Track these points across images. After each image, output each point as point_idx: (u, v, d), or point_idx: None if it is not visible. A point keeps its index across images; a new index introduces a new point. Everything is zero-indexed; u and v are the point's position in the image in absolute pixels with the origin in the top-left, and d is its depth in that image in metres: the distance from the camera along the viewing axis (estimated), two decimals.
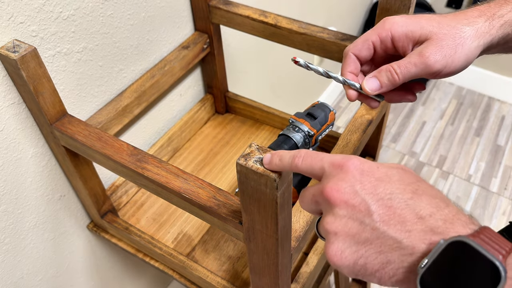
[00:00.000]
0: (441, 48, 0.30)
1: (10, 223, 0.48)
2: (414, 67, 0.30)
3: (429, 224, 0.20)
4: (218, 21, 0.58)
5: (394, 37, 0.32)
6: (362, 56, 0.33)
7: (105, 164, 0.43)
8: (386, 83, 0.31)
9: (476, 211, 1.06)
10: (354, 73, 0.33)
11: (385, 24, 0.32)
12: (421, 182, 0.23)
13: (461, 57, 0.30)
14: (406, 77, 0.31)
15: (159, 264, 0.55)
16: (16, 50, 0.38)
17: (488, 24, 0.30)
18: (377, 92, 0.32)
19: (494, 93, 1.35)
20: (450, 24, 0.31)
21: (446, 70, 0.30)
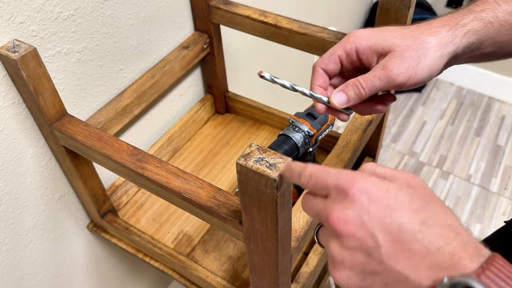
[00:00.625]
0: (404, 60, 0.30)
1: (10, 223, 0.48)
2: (379, 81, 0.31)
3: (436, 260, 0.20)
4: (218, 21, 0.58)
5: (358, 50, 0.32)
6: (330, 69, 0.34)
7: (105, 164, 0.43)
8: (353, 97, 0.32)
9: (476, 211, 1.06)
10: (322, 87, 0.34)
11: (349, 38, 0.33)
12: (431, 205, 0.22)
13: (424, 67, 0.30)
14: (372, 91, 0.31)
15: (159, 264, 0.55)
16: (16, 50, 0.38)
17: (451, 33, 0.31)
18: (345, 106, 0.33)
19: (494, 93, 1.35)
20: (413, 35, 0.31)
21: (410, 81, 0.30)
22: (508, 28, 0.31)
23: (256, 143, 0.29)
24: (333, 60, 0.33)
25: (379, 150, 0.62)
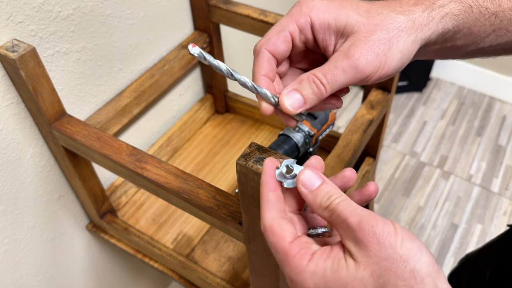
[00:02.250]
0: (372, 45, 0.24)
1: (9, 223, 0.48)
2: (343, 74, 0.24)
3: None
4: (218, 20, 0.58)
5: (314, 26, 0.25)
6: (279, 52, 0.25)
7: (104, 164, 0.43)
8: (311, 97, 0.24)
9: (477, 211, 1.05)
10: (269, 77, 0.25)
11: (302, 8, 0.25)
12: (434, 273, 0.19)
13: (395, 54, 0.24)
14: (334, 88, 0.24)
15: (159, 264, 0.55)
16: (15, 50, 0.38)
17: (426, 14, 0.24)
18: (300, 110, 0.25)
19: (495, 93, 1.35)
20: (381, 13, 0.24)
21: (379, 73, 0.24)
22: (487, 18, 0.25)
23: (256, 143, 0.29)
24: (283, 38, 0.25)
25: (380, 150, 0.62)
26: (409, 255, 0.19)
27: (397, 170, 1.15)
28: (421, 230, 1.02)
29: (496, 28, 0.26)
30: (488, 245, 0.45)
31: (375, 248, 0.19)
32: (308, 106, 0.25)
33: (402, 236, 0.20)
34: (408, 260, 0.19)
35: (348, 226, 0.20)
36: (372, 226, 0.20)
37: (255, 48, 0.26)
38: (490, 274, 0.41)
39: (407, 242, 0.19)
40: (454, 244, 0.99)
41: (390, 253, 0.19)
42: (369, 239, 0.20)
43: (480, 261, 0.45)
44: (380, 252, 0.19)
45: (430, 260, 0.19)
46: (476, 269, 0.45)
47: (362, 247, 0.20)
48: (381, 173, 1.14)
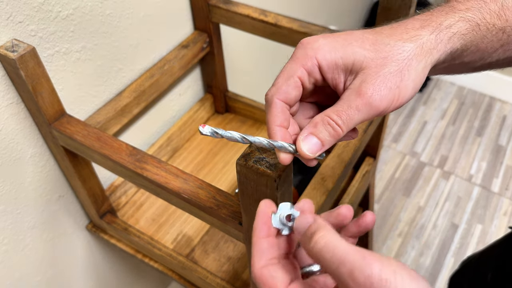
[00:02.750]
0: (384, 79, 0.23)
1: (9, 224, 0.48)
2: (357, 113, 0.23)
3: None
4: (218, 20, 0.58)
5: (322, 67, 0.25)
6: (291, 99, 0.25)
7: (104, 164, 0.43)
8: (328, 139, 0.24)
9: (477, 211, 1.05)
10: (284, 126, 0.25)
11: (307, 51, 0.25)
12: None
13: (408, 85, 0.24)
14: (350, 127, 0.24)
15: (159, 265, 0.55)
16: (15, 50, 0.38)
17: (434, 37, 0.24)
18: (319, 153, 0.25)
19: (495, 93, 1.34)
20: (388, 43, 0.24)
21: (394, 105, 0.24)
22: (494, 34, 0.25)
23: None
24: (293, 84, 0.25)
25: (380, 150, 0.62)
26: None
27: (397, 170, 1.15)
28: (421, 230, 1.02)
29: (504, 43, 0.26)
30: (490, 248, 0.45)
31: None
32: (326, 148, 0.25)
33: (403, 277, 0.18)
34: None
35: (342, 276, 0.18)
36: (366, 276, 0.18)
37: (266, 98, 0.26)
38: (491, 276, 0.41)
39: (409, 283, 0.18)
40: (454, 244, 0.99)
41: None
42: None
43: (481, 264, 0.45)
44: None
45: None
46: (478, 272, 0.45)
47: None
48: (381, 173, 1.13)
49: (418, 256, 0.97)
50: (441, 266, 0.96)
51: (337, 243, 0.19)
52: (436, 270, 0.95)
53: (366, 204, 0.71)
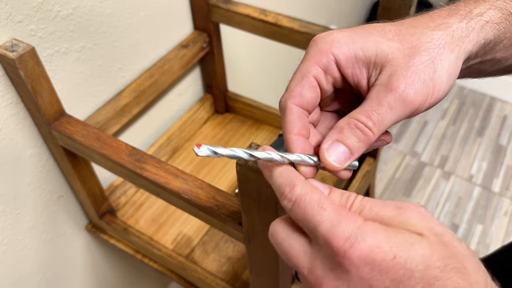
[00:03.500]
0: (415, 70, 0.20)
1: (8, 224, 0.47)
2: (390, 111, 0.20)
3: None
4: (218, 19, 0.58)
5: (339, 62, 0.21)
6: (308, 102, 0.22)
7: (103, 164, 0.43)
8: (357, 145, 0.21)
9: (478, 211, 1.05)
10: (303, 135, 0.22)
11: (320, 46, 0.21)
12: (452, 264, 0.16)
13: (442, 76, 0.20)
14: (382, 129, 0.21)
15: (158, 265, 0.55)
16: (14, 49, 0.38)
17: (464, 25, 0.21)
18: (349, 162, 0.21)
19: (496, 93, 1.34)
20: (414, 32, 0.21)
21: (429, 101, 0.21)
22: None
23: (256, 143, 0.29)
24: (308, 85, 0.21)
25: (380, 150, 0.61)
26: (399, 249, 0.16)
27: (398, 170, 1.14)
28: None
29: None
30: (496, 254, 0.44)
31: None
32: (356, 157, 0.21)
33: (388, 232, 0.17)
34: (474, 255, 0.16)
35: None
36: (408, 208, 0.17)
37: (280, 104, 0.22)
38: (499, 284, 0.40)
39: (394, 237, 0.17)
40: None
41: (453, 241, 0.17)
42: None
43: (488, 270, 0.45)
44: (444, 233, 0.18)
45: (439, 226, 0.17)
46: None
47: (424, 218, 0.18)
48: (381, 173, 1.13)
49: None
50: None
51: None
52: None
53: None
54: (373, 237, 0.16)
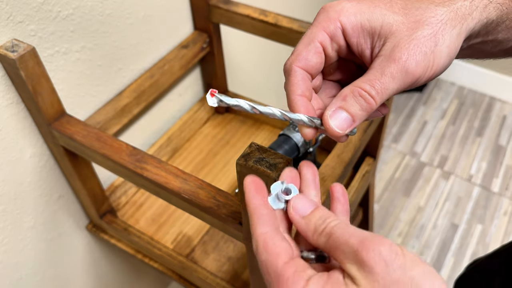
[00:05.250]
0: (418, 43, 0.21)
1: (9, 224, 0.47)
2: (392, 81, 0.21)
3: None
4: (218, 20, 0.58)
5: (346, 30, 0.22)
6: (312, 66, 0.23)
7: (104, 164, 0.43)
8: (359, 113, 0.22)
9: (478, 211, 1.05)
10: (306, 96, 0.23)
11: (329, 14, 0.22)
12: None
13: (443, 51, 0.21)
14: (384, 98, 0.22)
15: (158, 265, 0.55)
16: (15, 50, 0.38)
17: (469, 3, 0.22)
18: (351, 129, 0.22)
19: (495, 93, 1.34)
20: (420, 7, 0.22)
21: (428, 73, 0.22)
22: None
23: (256, 143, 0.29)
24: (313, 50, 0.22)
25: (380, 150, 0.62)
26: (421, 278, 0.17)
27: (397, 170, 1.14)
28: (421, 230, 1.02)
29: None
30: (498, 252, 0.44)
31: (382, 271, 0.17)
32: (358, 123, 0.22)
33: (412, 257, 0.17)
34: (420, 283, 0.17)
35: (350, 248, 0.18)
36: (378, 245, 0.17)
37: (285, 67, 0.23)
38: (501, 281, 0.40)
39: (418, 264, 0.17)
40: (455, 244, 0.99)
41: (399, 275, 0.17)
42: (375, 260, 0.17)
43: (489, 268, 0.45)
44: (388, 274, 0.17)
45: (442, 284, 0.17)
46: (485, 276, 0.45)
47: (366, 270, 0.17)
48: (381, 173, 1.13)
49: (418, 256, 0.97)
50: (441, 266, 0.96)
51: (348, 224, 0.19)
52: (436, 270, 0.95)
53: (366, 204, 0.71)
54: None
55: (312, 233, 0.20)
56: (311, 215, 0.21)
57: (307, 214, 0.21)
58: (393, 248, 0.17)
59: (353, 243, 0.18)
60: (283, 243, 0.20)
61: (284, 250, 0.20)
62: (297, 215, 0.21)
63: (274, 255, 0.19)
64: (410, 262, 0.17)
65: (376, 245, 0.17)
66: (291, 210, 0.21)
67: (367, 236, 0.18)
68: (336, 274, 0.18)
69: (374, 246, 0.17)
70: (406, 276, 0.17)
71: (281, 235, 0.21)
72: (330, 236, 0.19)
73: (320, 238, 0.20)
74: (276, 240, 0.20)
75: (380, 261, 0.17)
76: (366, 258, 0.17)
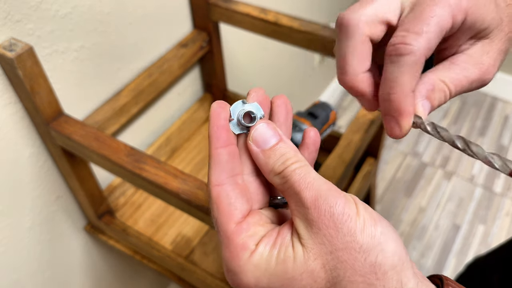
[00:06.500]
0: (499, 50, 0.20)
1: (7, 224, 0.47)
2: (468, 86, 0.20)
3: None
4: (217, 18, 0.58)
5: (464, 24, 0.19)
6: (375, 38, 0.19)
7: (102, 164, 0.42)
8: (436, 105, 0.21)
9: (480, 212, 1.05)
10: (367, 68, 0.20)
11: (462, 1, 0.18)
12: None
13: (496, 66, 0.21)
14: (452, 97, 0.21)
15: (157, 266, 0.55)
16: (13, 49, 0.38)
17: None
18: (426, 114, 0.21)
19: (497, 93, 1.34)
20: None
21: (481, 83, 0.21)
22: None
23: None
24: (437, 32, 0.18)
25: (381, 150, 0.61)
26: (371, 244, 0.16)
27: (399, 170, 1.14)
28: (422, 231, 1.01)
29: None
30: (497, 250, 0.44)
31: (330, 234, 0.16)
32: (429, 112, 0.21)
33: (364, 219, 0.16)
34: (369, 250, 0.16)
35: (301, 202, 0.17)
36: (330, 206, 0.16)
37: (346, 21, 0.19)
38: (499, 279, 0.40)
39: (370, 227, 0.16)
40: (456, 245, 0.99)
41: (348, 242, 0.16)
42: (325, 222, 0.16)
43: (488, 266, 0.45)
44: (336, 239, 0.16)
45: (395, 249, 0.16)
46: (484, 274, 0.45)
47: (314, 230, 0.16)
48: (382, 173, 1.13)
49: (420, 257, 0.97)
50: (442, 267, 0.95)
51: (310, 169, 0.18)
52: (437, 271, 0.94)
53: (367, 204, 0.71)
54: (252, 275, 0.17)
55: (269, 172, 0.18)
56: (271, 150, 0.18)
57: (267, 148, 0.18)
58: (347, 211, 0.16)
59: (305, 199, 0.17)
60: (238, 199, 0.18)
61: (238, 209, 0.18)
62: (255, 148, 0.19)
63: (225, 215, 0.18)
64: (362, 225, 0.16)
65: (329, 206, 0.16)
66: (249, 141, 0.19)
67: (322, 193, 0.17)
68: (285, 231, 0.18)
69: (326, 207, 0.16)
70: (355, 242, 0.16)
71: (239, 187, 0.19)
72: (286, 181, 0.18)
73: (275, 179, 0.18)
74: (231, 196, 0.18)
75: (329, 224, 0.16)
76: (316, 219, 0.16)
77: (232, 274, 0.18)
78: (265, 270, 0.17)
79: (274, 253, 0.17)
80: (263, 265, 0.17)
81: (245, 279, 0.17)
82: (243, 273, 0.17)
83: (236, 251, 0.18)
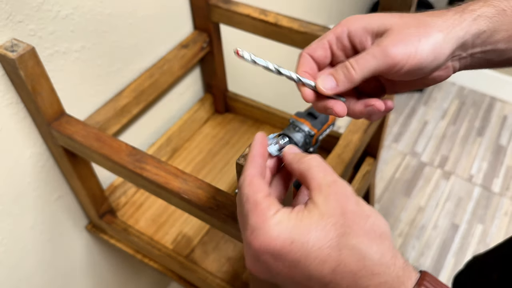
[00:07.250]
0: (403, 37, 0.26)
1: (8, 224, 0.47)
2: (373, 59, 0.26)
3: None
4: (218, 19, 0.58)
5: (350, 33, 0.28)
6: (317, 56, 0.29)
7: (103, 164, 0.42)
8: (342, 80, 0.27)
9: (478, 211, 1.05)
10: (309, 73, 0.29)
11: (341, 22, 0.29)
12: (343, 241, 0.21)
13: (425, 48, 0.26)
14: (365, 72, 0.27)
15: (158, 265, 0.55)
16: (14, 50, 0.38)
17: (458, 16, 0.26)
18: (334, 91, 0.28)
19: (496, 93, 1.34)
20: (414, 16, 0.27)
21: (411, 61, 0.26)
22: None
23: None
24: (321, 45, 0.29)
25: (381, 150, 0.61)
26: (370, 213, 0.22)
27: (398, 170, 1.14)
28: (421, 231, 1.01)
29: None
30: (496, 248, 0.45)
31: (343, 201, 0.22)
32: (341, 89, 0.28)
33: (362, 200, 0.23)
34: (369, 216, 0.22)
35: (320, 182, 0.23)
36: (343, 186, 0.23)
37: (300, 55, 0.30)
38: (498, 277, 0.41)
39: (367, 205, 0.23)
40: (455, 245, 0.99)
41: (354, 208, 0.22)
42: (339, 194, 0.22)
43: (487, 264, 0.45)
44: (346, 204, 0.22)
45: (386, 222, 0.23)
46: (483, 272, 0.45)
47: (330, 199, 0.22)
48: (381, 173, 1.13)
49: (419, 256, 0.97)
50: (441, 267, 0.95)
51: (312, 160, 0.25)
52: (436, 271, 0.95)
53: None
54: (275, 229, 0.22)
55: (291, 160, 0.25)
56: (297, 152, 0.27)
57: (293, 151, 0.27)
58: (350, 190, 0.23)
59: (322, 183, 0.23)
60: (265, 185, 0.24)
61: (265, 188, 0.24)
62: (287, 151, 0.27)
63: (256, 190, 0.23)
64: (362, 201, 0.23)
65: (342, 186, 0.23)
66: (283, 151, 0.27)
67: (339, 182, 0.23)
68: (302, 206, 0.23)
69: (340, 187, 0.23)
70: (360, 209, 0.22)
71: (265, 179, 0.25)
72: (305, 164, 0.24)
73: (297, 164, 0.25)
74: (260, 180, 0.24)
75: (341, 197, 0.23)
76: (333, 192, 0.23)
77: (258, 232, 0.22)
78: (286, 225, 0.22)
79: (293, 215, 0.22)
80: (284, 221, 0.22)
81: (270, 232, 0.21)
82: (269, 228, 0.22)
83: (262, 212, 0.22)
